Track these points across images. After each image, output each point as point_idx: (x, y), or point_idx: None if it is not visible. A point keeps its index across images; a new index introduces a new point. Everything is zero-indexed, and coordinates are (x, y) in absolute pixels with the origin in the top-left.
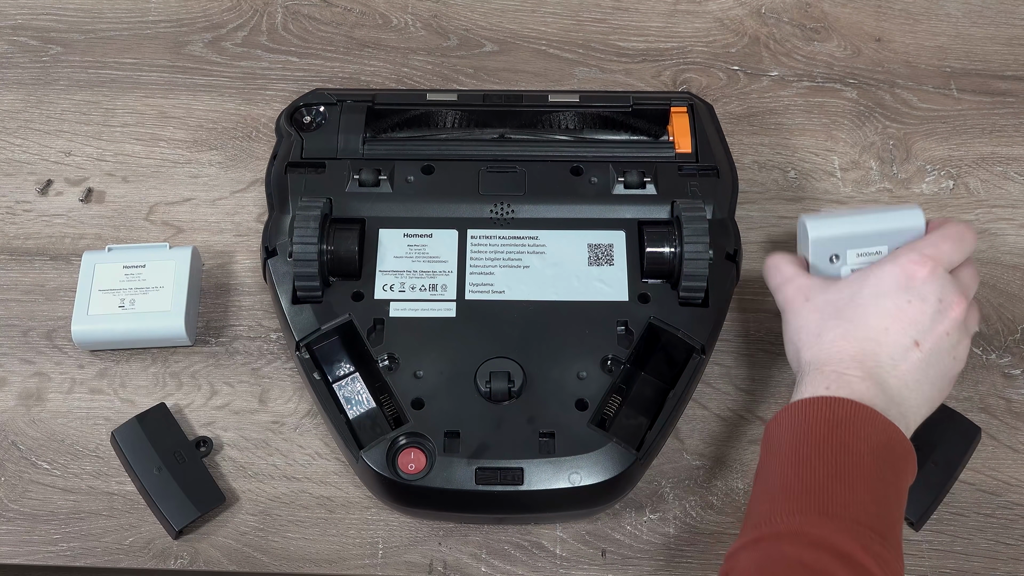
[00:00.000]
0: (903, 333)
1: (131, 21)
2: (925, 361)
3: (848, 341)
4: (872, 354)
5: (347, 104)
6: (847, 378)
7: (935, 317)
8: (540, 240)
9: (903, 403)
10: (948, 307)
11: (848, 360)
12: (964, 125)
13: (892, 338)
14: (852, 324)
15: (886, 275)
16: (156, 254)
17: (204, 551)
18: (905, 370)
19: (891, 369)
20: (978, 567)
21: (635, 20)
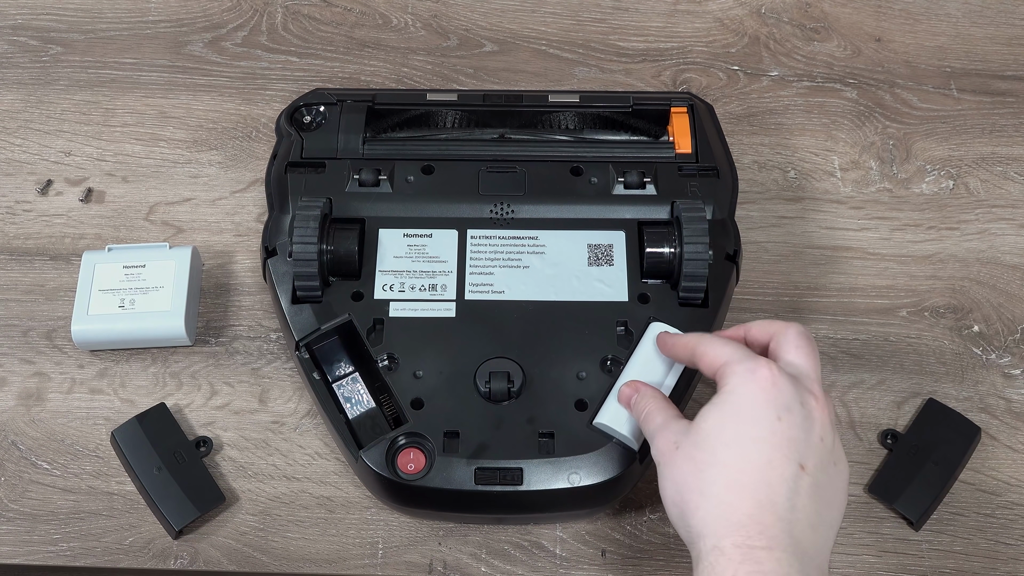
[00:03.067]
0: (787, 460)
1: (131, 21)
2: (815, 484)
3: (737, 493)
4: (768, 504)
5: (347, 104)
6: (755, 555)
7: (806, 425)
8: (540, 240)
9: (814, 551)
10: (812, 407)
11: (747, 523)
12: (964, 125)
13: (778, 471)
14: (733, 468)
15: (742, 395)
16: (156, 254)
17: (204, 551)
18: (803, 507)
19: (791, 513)
20: (978, 567)
21: (635, 20)
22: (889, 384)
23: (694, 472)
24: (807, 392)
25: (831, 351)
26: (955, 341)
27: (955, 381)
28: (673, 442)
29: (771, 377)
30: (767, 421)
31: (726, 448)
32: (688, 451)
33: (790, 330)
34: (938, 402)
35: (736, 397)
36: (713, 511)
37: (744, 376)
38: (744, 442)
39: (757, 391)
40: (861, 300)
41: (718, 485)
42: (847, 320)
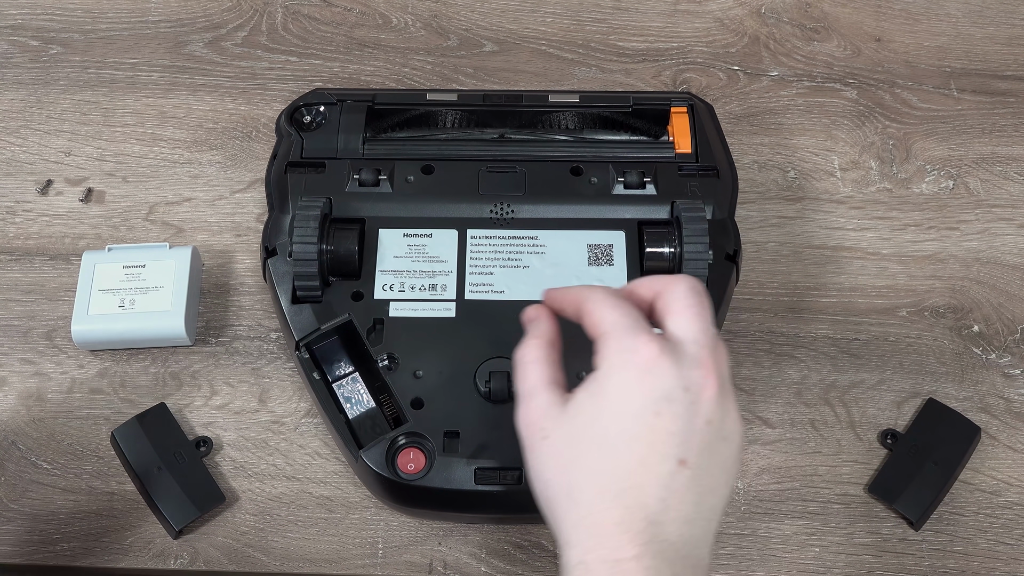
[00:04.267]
0: (663, 459)
1: (131, 21)
2: (695, 476)
3: (606, 501)
4: (639, 506)
5: (347, 104)
6: (621, 567)
7: (689, 414)
8: (540, 240)
9: (689, 546)
10: (698, 389)
11: (615, 532)
12: (964, 125)
13: (653, 472)
14: (602, 474)
15: (616, 384)
16: (156, 254)
17: (204, 551)
18: (678, 504)
19: (663, 514)
20: (978, 567)
21: (635, 20)
22: (889, 384)
23: (561, 471)
24: (693, 368)
25: (831, 351)
26: (955, 341)
27: (955, 381)
28: (540, 429)
29: (650, 361)
30: (643, 417)
31: (597, 449)
32: (556, 446)
33: (676, 288)
34: (938, 402)
35: (610, 386)
36: (580, 521)
37: (621, 358)
38: (616, 443)
39: (633, 380)
40: (861, 300)
41: (586, 492)
42: (847, 320)
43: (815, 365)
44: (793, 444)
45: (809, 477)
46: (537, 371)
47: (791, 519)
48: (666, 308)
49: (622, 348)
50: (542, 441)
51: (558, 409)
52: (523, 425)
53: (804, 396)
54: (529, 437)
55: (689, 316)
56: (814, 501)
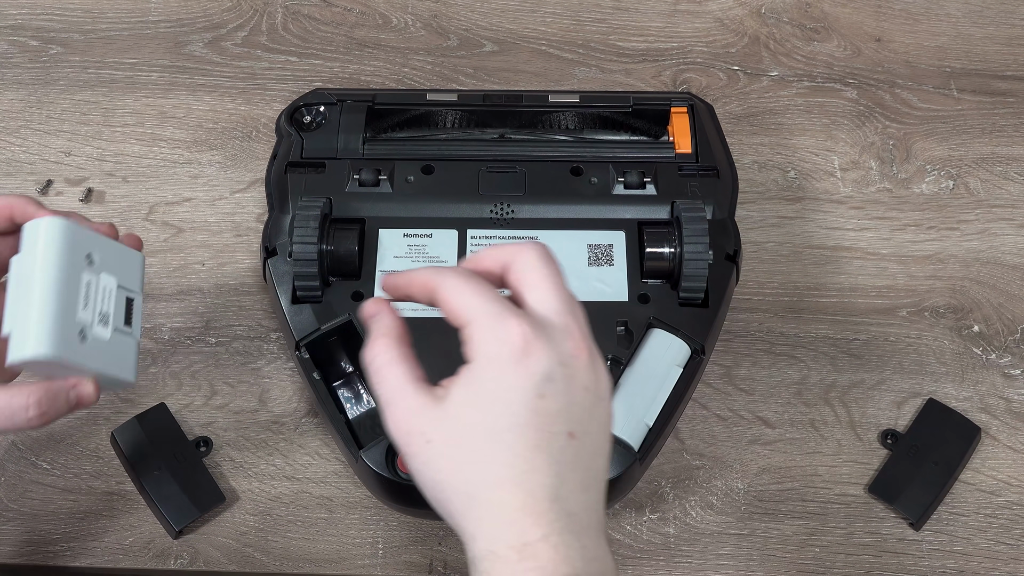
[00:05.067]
0: (554, 437)
1: (131, 21)
2: (583, 444)
3: (506, 490)
4: (539, 487)
5: (347, 104)
6: (530, 550)
7: (570, 388)
8: (540, 240)
9: (588, 512)
10: (572, 361)
11: (519, 517)
12: (964, 125)
13: (545, 452)
14: (497, 464)
15: (494, 374)
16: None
17: (204, 551)
18: (572, 474)
19: (561, 488)
20: (978, 567)
21: (635, 20)
22: (889, 384)
23: (454, 471)
24: (564, 340)
25: (831, 351)
26: (955, 341)
27: (955, 381)
28: (421, 434)
29: (525, 345)
30: (528, 403)
31: (487, 442)
32: (442, 448)
33: (527, 257)
34: (938, 402)
35: (489, 377)
36: (483, 514)
37: (494, 347)
38: (506, 433)
39: (511, 368)
40: (861, 300)
41: (484, 486)
42: (847, 320)
43: (815, 365)
44: (793, 444)
45: (809, 477)
46: (396, 372)
47: (791, 519)
48: (520, 280)
49: (494, 337)
50: (426, 445)
51: (434, 409)
52: (400, 432)
53: (804, 396)
54: (409, 444)
55: (547, 287)
56: (814, 501)
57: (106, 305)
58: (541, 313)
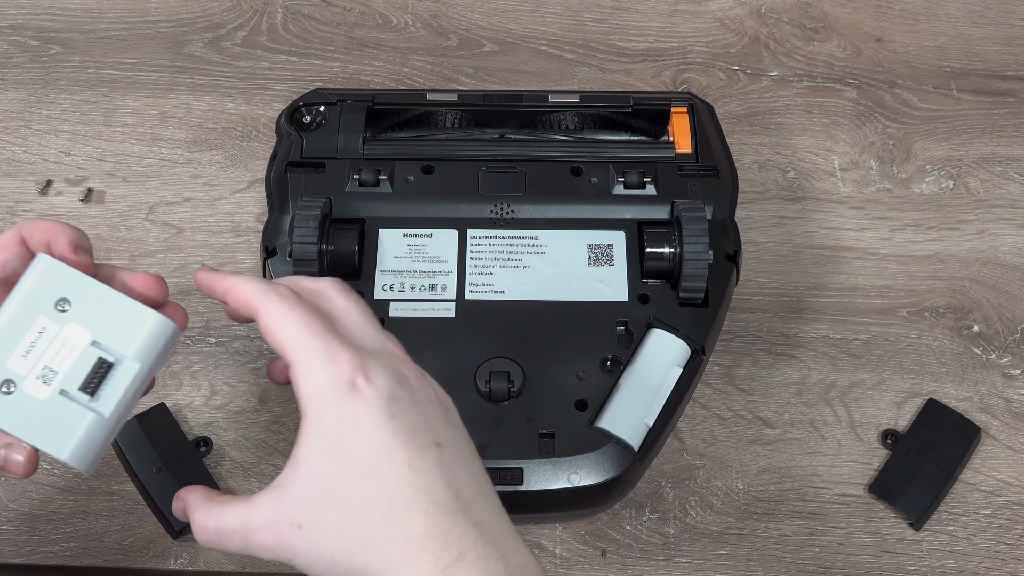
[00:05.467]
0: (423, 449)
1: (131, 21)
2: (455, 451)
3: (402, 522)
4: (434, 505)
5: (347, 104)
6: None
7: (415, 400)
8: (540, 240)
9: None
10: (405, 376)
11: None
12: (964, 125)
13: (423, 470)
14: (383, 502)
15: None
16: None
17: (204, 551)
18: (461, 481)
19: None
20: (978, 567)
21: (635, 20)
22: (889, 384)
23: (340, 534)
24: (390, 359)
25: (831, 351)
26: (955, 341)
27: (955, 381)
28: (290, 524)
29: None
30: (382, 427)
31: (359, 487)
32: (318, 520)
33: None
34: (938, 402)
35: (330, 419)
36: (390, 556)
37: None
38: (375, 468)
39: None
40: (861, 300)
41: (375, 527)
42: (847, 320)
43: (815, 365)
44: (793, 444)
45: (809, 477)
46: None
47: (791, 519)
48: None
49: (325, 376)
50: (299, 532)
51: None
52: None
53: (804, 396)
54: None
55: (355, 317)
56: (814, 501)
57: (58, 361)
58: (358, 341)
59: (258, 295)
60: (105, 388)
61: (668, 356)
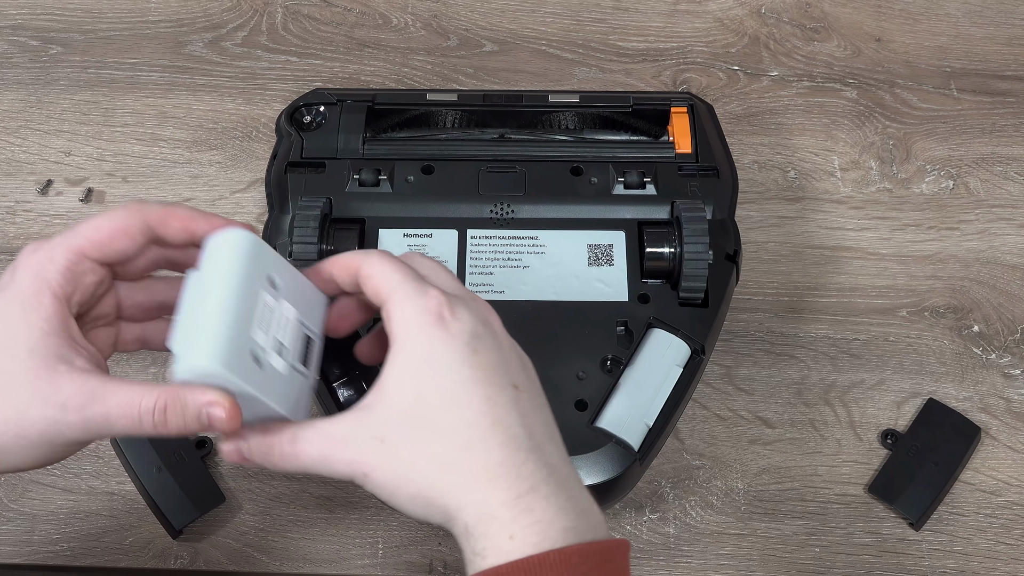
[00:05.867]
0: (501, 387)
1: (131, 21)
2: (530, 396)
3: (479, 450)
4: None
5: (347, 104)
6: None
7: (497, 344)
8: (540, 240)
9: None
10: (490, 321)
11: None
12: (964, 125)
13: (500, 402)
14: (462, 428)
15: (425, 341)
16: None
17: (204, 551)
18: (534, 425)
19: (531, 439)
20: (978, 567)
21: (635, 20)
22: (889, 384)
23: (419, 454)
24: (475, 303)
25: (831, 351)
26: (955, 341)
27: (955, 381)
28: (372, 438)
29: (443, 307)
30: (465, 359)
31: (442, 412)
32: (399, 437)
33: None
34: (938, 402)
35: (417, 346)
36: (464, 481)
37: (418, 316)
38: (456, 397)
39: (436, 331)
40: (861, 300)
41: (453, 453)
42: (847, 320)
43: (815, 365)
44: (793, 444)
45: (809, 477)
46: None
47: (791, 519)
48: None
49: (413, 307)
50: (381, 446)
51: (368, 413)
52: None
53: (804, 396)
54: (362, 456)
55: (440, 271)
56: (814, 501)
57: (283, 335)
58: (447, 291)
59: (358, 255)
60: (310, 360)
61: (668, 356)
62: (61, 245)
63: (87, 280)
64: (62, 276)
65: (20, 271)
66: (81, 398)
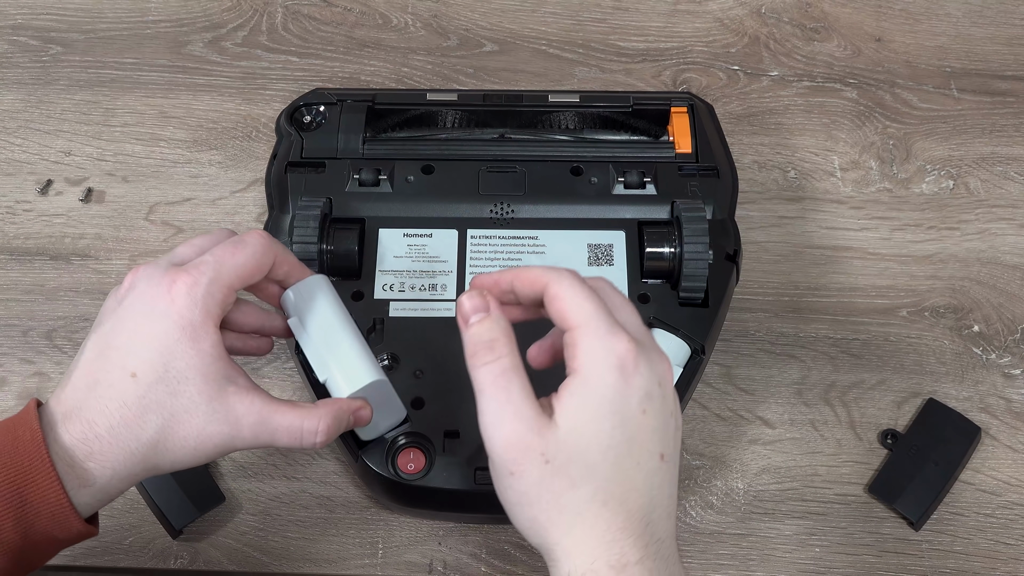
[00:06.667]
0: (651, 457)
1: (131, 21)
2: (670, 467)
3: (612, 509)
4: (638, 508)
5: (347, 104)
6: (629, 571)
7: (664, 407)
8: (540, 240)
9: (669, 536)
10: (665, 382)
11: (620, 537)
12: (964, 125)
13: (644, 472)
14: (610, 482)
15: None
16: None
17: (204, 551)
18: (661, 499)
19: (653, 512)
20: (978, 567)
21: (635, 20)
22: (889, 384)
23: (566, 489)
24: (657, 361)
25: (831, 351)
26: (955, 341)
27: (955, 381)
28: (541, 454)
29: (632, 359)
30: (634, 418)
31: (602, 459)
32: (559, 466)
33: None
34: (938, 402)
35: (598, 386)
36: (586, 531)
37: (602, 354)
38: (617, 448)
39: (619, 378)
40: (861, 300)
41: (594, 503)
42: (847, 320)
43: (815, 365)
44: (793, 444)
45: (809, 477)
46: (515, 385)
47: (791, 519)
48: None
49: (602, 347)
50: (544, 466)
51: (550, 426)
52: (511, 451)
53: (804, 396)
54: (521, 463)
55: (630, 311)
56: (814, 501)
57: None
58: (633, 334)
59: (547, 272)
60: None
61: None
62: (218, 282)
63: (229, 306)
64: (221, 308)
65: (180, 301)
66: (252, 417)
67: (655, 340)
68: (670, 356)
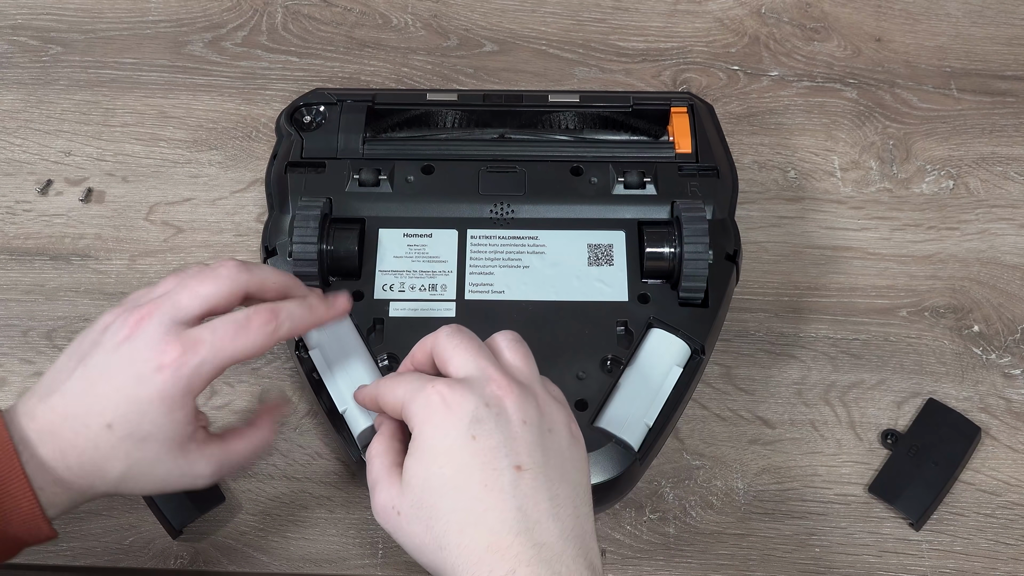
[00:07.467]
0: (499, 473)
1: (131, 21)
2: (537, 473)
3: (468, 534)
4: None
5: (347, 104)
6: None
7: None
8: (540, 240)
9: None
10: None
11: (486, 556)
12: (964, 125)
13: (496, 489)
14: (456, 512)
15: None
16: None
17: (204, 551)
18: (534, 504)
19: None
20: (978, 567)
21: (635, 20)
22: (889, 384)
23: (424, 532)
24: (485, 385)
25: (831, 351)
26: (955, 341)
27: (955, 381)
28: (392, 508)
29: (445, 398)
30: (464, 447)
31: (441, 497)
32: (409, 515)
33: (439, 337)
34: (938, 402)
35: (424, 438)
36: (455, 561)
37: (421, 411)
38: (454, 480)
39: (439, 422)
40: (861, 300)
41: (449, 535)
42: (847, 320)
43: (815, 365)
44: (793, 444)
45: (809, 477)
46: (378, 463)
47: (791, 519)
48: (440, 359)
49: (418, 406)
50: (398, 517)
51: (398, 484)
52: (378, 512)
53: (804, 396)
54: (387, 520)
55: (460, 354)
56: (814, 501)
57: None
58: (460, 375)
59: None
60: None
61: (668, 356)
62: (208, 364)
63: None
64: (204, 385)
65: (167, 375)
66: (210, 468)
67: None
68: (670, 356)
